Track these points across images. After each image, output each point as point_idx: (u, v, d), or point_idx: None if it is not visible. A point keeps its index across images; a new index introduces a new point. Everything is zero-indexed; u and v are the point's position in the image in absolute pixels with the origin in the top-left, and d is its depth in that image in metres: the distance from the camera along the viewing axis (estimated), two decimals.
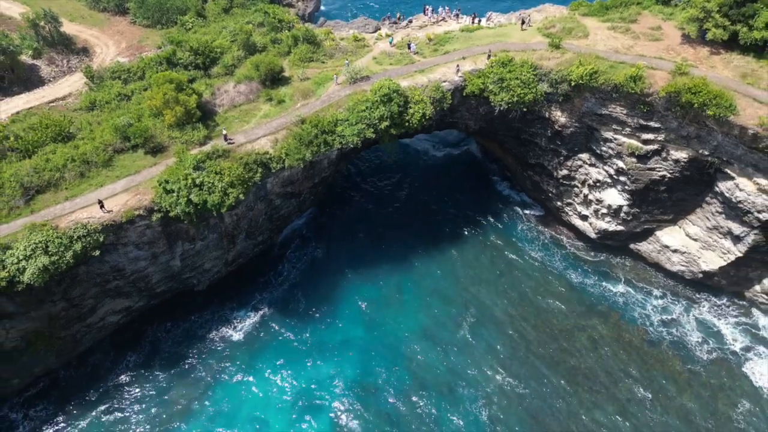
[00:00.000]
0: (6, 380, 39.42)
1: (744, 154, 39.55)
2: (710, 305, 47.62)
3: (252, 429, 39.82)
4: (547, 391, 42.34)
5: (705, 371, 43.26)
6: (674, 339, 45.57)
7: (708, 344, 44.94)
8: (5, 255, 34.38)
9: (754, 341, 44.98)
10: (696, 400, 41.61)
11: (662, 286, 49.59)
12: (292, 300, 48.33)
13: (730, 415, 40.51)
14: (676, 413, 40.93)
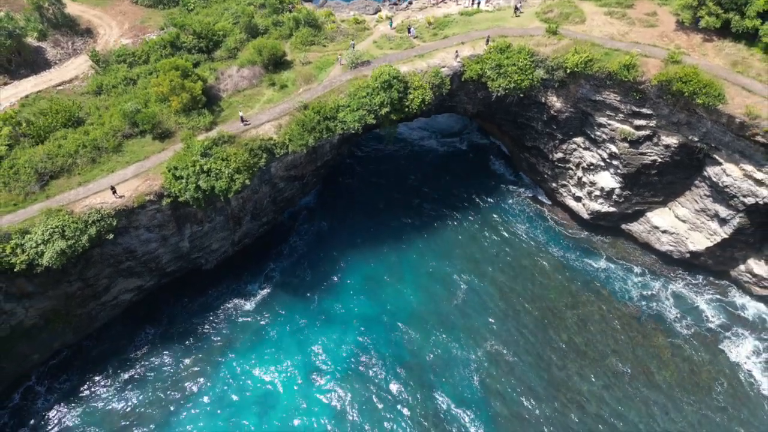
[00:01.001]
0: (27, 356, 41.67)
1: (731, 140, 41.02)
2: (694, 284, 49.73)
3: (263, 392, 42.51)
4: (537, 362, 44.72)
5: (686, 347, 45.59)
6: (659, 315, 47.79)
7: (689, 321, 47.18)
8: (24, 239, 36.23)
9: (732, 319, 47.26)
10: (677, 375, 44.03)
11: (651, 265, 51.60)
12: (300, 270, 50.74)
13: (709, 391, 42.95)
14: (658, 387, 43.38)
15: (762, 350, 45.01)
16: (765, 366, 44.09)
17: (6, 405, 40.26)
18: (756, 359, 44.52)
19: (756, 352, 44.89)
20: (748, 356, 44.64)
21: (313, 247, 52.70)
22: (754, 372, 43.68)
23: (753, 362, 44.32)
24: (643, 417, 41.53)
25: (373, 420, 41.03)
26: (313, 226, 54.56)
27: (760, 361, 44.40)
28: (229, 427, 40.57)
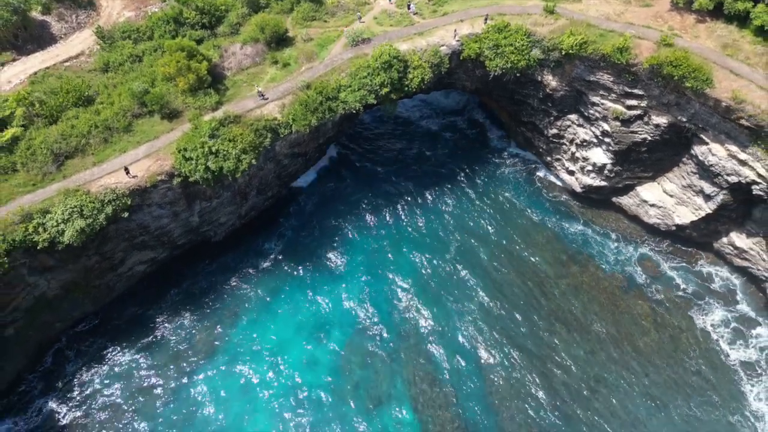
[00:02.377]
0: (50, 324, 44.66)
1: (718, 122, 42.69)
2: (678, 257, 52.26)
3: (276, 343, 46.36)
4: (527, 327, 47.77)
5: (666, 315, 48.49)
6: (643, 285, 50.52)
7: (670, 291, 49.93)
8: (45, 218, 38.51)
9: (708, 292, 49.91)
10: (657, 341, 47.13)
11: (638, 237, 54.03)
12: (309, 227, 53.96)
13: (684, 357, 46.10)
14: (639, 352, 46.54)
15: (730, 320, 47.98)
16: (731, 336, 47.21)
17: (38, 368, 43.47)
18: (724, 329, 47.50)
19: (725, 323, 47.83)
20: (716, 325, 47.62)
21: (321, 205, 55.80)
22: (721, 342, 46.76)
23: (721, 332, 47.36)
24: (624, 379, 44.85)
25: (372, 370, 44.82)
26: (320, 187, 57.76)
27: (728, 331, 47.45)
28: (245, 379, 44.16)
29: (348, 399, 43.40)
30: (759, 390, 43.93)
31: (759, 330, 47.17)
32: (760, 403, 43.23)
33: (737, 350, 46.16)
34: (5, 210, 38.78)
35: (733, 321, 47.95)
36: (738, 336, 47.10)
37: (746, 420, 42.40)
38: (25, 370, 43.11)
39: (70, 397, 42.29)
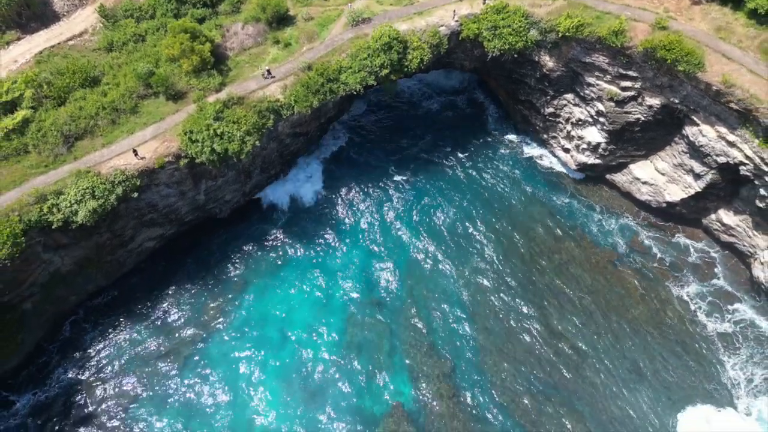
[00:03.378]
0: (65, 298, 46.78)
1: (709, 104, 43.88)
2: (667, 233, 54.17)
3: (286, 308, 49.02)
4: (522, 296, 50.15)
5: (655, 288, 50.69)
6: (633, 260, 52.59)
7: (659, 266, 52.01)
8: (59, 199, 40.10)
9: (694, 267, 52.00)
10: (645, 313, 49.42)
11: (630, 213, 55.79)
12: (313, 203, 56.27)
13: (670, 327, 48.48)
14: (628, 323, 48.89)
15: (714, 294, 50.22)
16: (712, 308, 49.63)
17: (56, 340, 45.85)
18: (706, 302, 49.82)
19: (708, 295, 50.10)
20: (698, 298, 49.95)
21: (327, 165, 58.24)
22: (701, 314, 49.13)
23: (702, 305, 49.71)
24: (612, 348, 47.35)
25: (373, 337, 47.54)
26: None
27: (711, 304, 49.80)
28: (257, 342, 46.94)
29: (350, 365, 45.94)
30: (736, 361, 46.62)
31: (738, 305, 49.39)
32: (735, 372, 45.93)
33: (718, 322, 48.46)
34: (20, 191, 40.33)
35: (718, 295, 50.17)
36: (715, 309, 49.35)
37: (723, 387, 45.05)
38: (42, 342, 45.40)
39: (87, 367, 44.83)
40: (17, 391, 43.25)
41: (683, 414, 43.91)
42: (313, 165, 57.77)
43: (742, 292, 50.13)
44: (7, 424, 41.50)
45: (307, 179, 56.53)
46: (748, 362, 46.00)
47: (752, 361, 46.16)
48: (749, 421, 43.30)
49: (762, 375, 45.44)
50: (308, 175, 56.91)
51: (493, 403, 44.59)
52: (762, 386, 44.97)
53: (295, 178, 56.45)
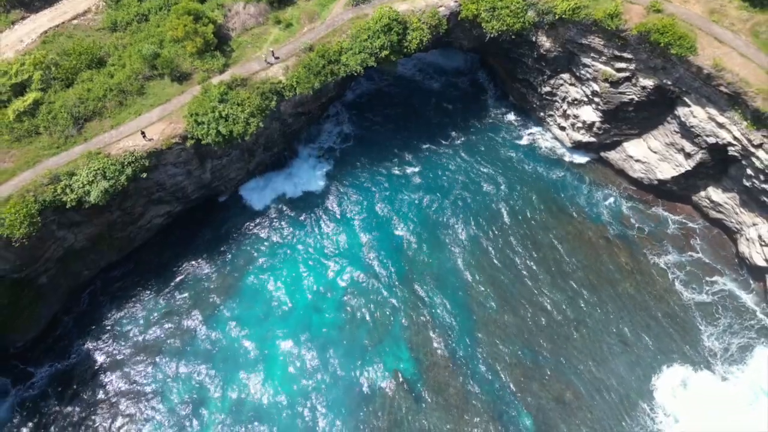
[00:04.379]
0: (79, 272, 48.92)
1: (700, 86, 45.07)
2: (658, 209, 55.93)
3: (293, 278, 51.33)
4: (517, 271, 52.17)
5: (644, 263, 52.72)
6: (624, 235, 54.39)
7: (649, 241, 53.83)
8: (72, 180, 41.70)
9: (682, 242, 53.81)
10: (634, 286, 51.52)
11: (624, 190, 57.41)
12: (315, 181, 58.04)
13: (659, 301, 50.65)
14: (618, 297, 51.01)
15: (700, 267, 52.39)
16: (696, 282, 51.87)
17: (73, 313, 48.20)
18: (692, 276, 52.02)
19: (695, 270, 52.27)
20: (684, 271, 52.04)
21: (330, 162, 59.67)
22: (687, 288, 51.44)
23: (687, 279, 51.88)
24: (602, 321, 49.54)
25: (374, 310, 50.07)
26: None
27: (696, 278, 52.02)
28: (263, 313, 49.49)
29: (351, 337, 48.45)
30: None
31: (720, 279, 51.63)
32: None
33: (702, 294, 50.81)
34: (34, 172, 41.96)
35: (704, 268, 52.25)
36: (701, 282, 51.53)
37: (701, 355, 47.81)
38: (59, 315, 47.74)
39: (103, 337, 47.29)
40: (35, 363, 45.71)
41: (661, 378, 46.56)
42: (315, 152, 59.15)
43: (726, 267, 52.22)
44: (26, 395, 44.09)
45: (311, 166, 57.95)
46: (726, 332, 48.58)
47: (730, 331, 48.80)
48: (725, 385, 45.98)
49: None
50: (312, 163, 58.32)
51: (486, 371, 47.20)
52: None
53: (299, 165, 57.96)
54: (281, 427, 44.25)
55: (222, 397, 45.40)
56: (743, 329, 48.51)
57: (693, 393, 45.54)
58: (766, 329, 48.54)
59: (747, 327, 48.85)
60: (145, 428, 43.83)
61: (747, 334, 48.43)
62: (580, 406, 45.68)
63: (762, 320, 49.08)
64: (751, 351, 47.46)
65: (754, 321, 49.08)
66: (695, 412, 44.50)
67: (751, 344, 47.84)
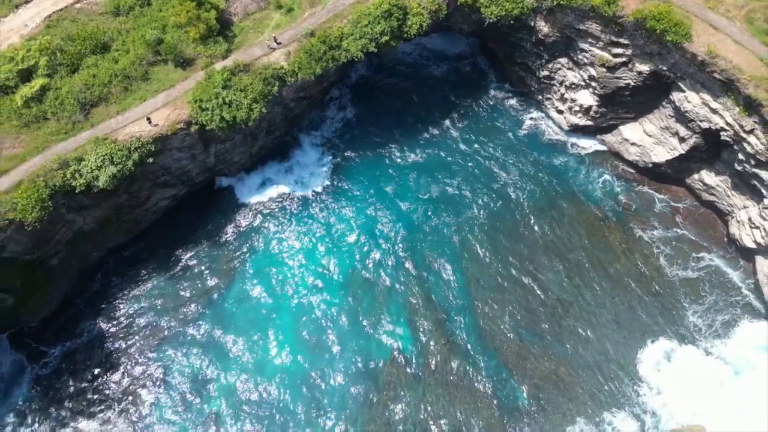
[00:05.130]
0: (89, 254, 50.39)
1: (695, 72, 45.91)
2: (653, 191, 57.16)
3: (299, 252, 53.31)
4: (514, 251, 53.78)
5: (637, 244, 54.19)
6: (618, 215, 55.74)
7: (643, 223, 55.21)
8: (80, 165, 42.83)
9: (673, 223, 55.35)
10: (626, 266, 53.13)
11: (619, 172, 58.53)
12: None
13: (650, 280, 52.36)
14: (611, 276, 52.70)
15: (691, 249, 54.00)
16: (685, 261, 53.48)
17: (85, 291, 49.87)
18: (683, 256, 53.64)
19: (686, 250, 53.88)
20: (676, 252, 53.64)
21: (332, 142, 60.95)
22: (678, 266, 53.13)
23: (677, 257, 53.48)
24: (595, 299, 51.30)
25: (374, 289, 51.84)
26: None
27: (686, 257, 53.65)
28: (269, 291, 51.21)
29: (353, 317, 50.21)
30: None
31: (708, 255, 53.38)
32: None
33: (689, 271, 52.60)
34: (43, 158, 43.08)
35: (693, 247, 53.89)
36: (685, 259, 53.29)
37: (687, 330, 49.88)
38: (71, 296, 49.38)
39: (114, 317, 49.08)
40: (49, 342, 47.53)
41: (647, 352, 48.69)
42: (317, 141, 60.02)
43: (716, 246, 53.69)
44: (40, 373, 46.02)
45: (315, 159, 58.85)
46: (710, 309, 50.50)
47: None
48: (709, 359, 47.99)
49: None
50: (315, 156, 59.17)
51: (483, 348, 49.11)
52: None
53: (302, 156, 58.95)
54: (285, 402, 46.36)
55: (227, 373, 47.39)
56: (728, 306, 50.40)
57: (677, 367, 47.68)
58: (750, 305, 50.49)
59: (732, 303, 50.78)
60: (154, 403, 45.91)
61: (732, 310, 50.38)
62: (572, 381, 47.73)
63: (747, 296, 50.99)
64: (736, 326, 49.47)
65: (739, 297, 51.05)
66: (679, 385, 46.64)
67: (736, 320, 49.84)
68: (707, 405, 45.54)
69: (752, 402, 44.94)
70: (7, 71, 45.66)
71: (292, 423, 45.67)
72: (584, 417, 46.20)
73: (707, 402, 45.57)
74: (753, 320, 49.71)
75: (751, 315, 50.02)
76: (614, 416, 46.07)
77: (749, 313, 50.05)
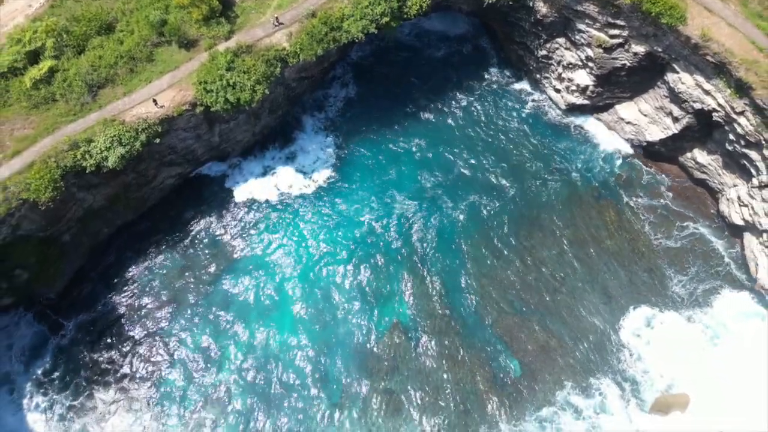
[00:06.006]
0: (99, 230, 52.12)
1: (689, 55, 46.86)
2: (647, 169, 58.59)
3: (300, 237, 54.91)
4: (510, 228, 55.61)
5: (630, 221, 55.93)
6: (612, 193, 57.28)
7: (637, 199, 56.86)
8: (90, 147, 44.14)
9: (664, 201, 56.99)
10: (619, 243, 55.02)
11: (614, 150, 59.82)
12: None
13: (641, 257, 54.32)
14: (604, 252, 54.52)
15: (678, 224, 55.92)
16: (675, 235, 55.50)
17: (99, 266, 51.89)
18: (670, 229, 55.75)
19: (671, 222, 55.85)
20: (665, 226, 55.58)
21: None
22: (667, 242, 55.22)
23: (666, 231, 55.62)
24: (588, 275, 53.25)
25: (375, 269, 53.66)
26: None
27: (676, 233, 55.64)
28: (275, 265, 53.22)
29: (356, 290, 52.32)
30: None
31: (693, 225, 55.35)
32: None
33: (675, 240, 54.66)
34: (53, 139, 44.30)
35: (681, 218, 55.89)
36: (669, 228, 55.41)
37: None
38: (85, 269, 51.35)
39: (127, 290, 50.97)
40: (66, 314, 49.66)
41: (629, 319, 51.34)
42: (320, 123, 60.97)
43: (706, 220, 55.45)
44: (59, 343, 48.38)
45: (319, 142, 59.96)
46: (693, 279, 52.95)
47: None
48: (690, 326, 50.50)
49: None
50: (319, 140, 60.20)
51: (479, 321, 51.33)
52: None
53: (305, 138, 60.05)
54: (289, 368, 48.79)
55: (236, 341, 49.75)
56: (711, 276, 52.93)
57: (659, 333, 50.21)
58: (732, 275, 52.91)
59: (715, 274, 53.19)
60: (165, 372, 48.31)
61: (714, 280, 52.79)
62: (562, 353, 50.10)
63: (729, 265, 53.44)
64: (717, 295, 51.91)
65: (721, 268, 53.41)
66: (660, 351, 49.20)
67: (717, 289, 52.26)
68: (689, 371, 47.98)
69: (733, 368, 47.41)
70: (15, 53, 46.51)
71: (295, 393, 48.18)
72: (572, 382, 48.82)
73: (688, 368, 47.98)
74: (734, 290, 52.07)
75: (733, 285, 52.34)
76: (601, 382, 48.61)
77: (730, 283, 52.35)
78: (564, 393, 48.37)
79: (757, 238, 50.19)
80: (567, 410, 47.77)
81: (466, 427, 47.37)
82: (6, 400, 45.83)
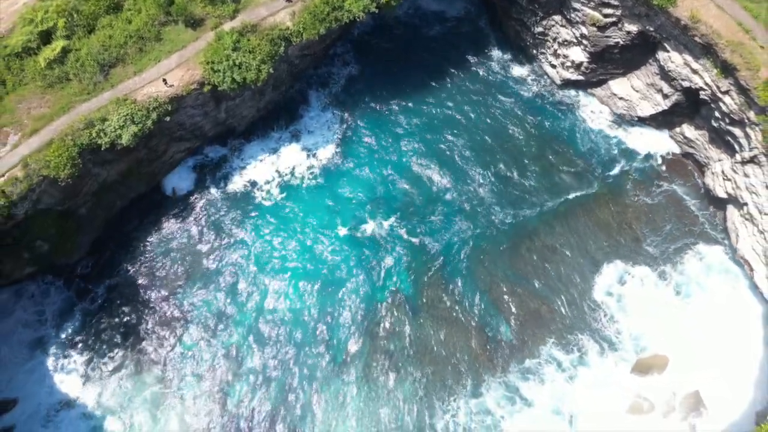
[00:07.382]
0: (113, 203, 54.76)
1: (678, 35, 48.54)
2: (638, 143, 60.90)
3: (305, 210, 57.49)
4: (504, 201, 58.03)
5: (619, 192, 58.33)
6: (605, 165, 59.48)
7: (631, 172, 59.23)
8: (104, 125, 46.28)
9: (656, 171, 59.52)
10: (608, 214, 57.73)
11: (607, 124, 61.91)
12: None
13: (630, 226, 57.05)
14: (595, 224, 57.28)
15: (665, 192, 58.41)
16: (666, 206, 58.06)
17: (115, 236, 54.68)
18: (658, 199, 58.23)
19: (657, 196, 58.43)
20: (653, 200, 58.19)
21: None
22: (658, 217, 57.76)
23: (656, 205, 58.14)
24: (581, 244, 55.88)
25: (376, 244, 56.27)
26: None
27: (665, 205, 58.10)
28: (283, 239, 56.06)
29: (358, 262, 55.32)
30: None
31: (682, 198, 58.09)
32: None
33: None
34: (69, 117, 46.35)
35: (672, 196, 58.44)
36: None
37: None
38: (103, 240, 54.24)
39: (144, 259, 53.97)
40: (91, 281, 52.84)
41: (601, 276, 54.57)
42: (325, 98, 62.63)
43: (693, 195, 58.10)
44: (90, 308, 51.79)
45: (324, 121, 61.68)
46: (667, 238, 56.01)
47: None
48: (662, 286, 53.71)
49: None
50: (325, 118, 61.87)
51: (474, 290, 54.31)
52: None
53: (311, 116, 61.88)
54: (296, 336, 52.15)
55: (248, 306, 52.76)
56: (685, 234, 56.09)
57: (631, 290, 53.47)
58: (706, 233, 56.04)
59: (688, 232, 56.34)
60: (181, 335, 51.58)
61: (687, 239, 55.96)
62: (552, 318, 53.36)
63: (704, 224, 56.58)
64: (689, 251, 55.18)
65: (696, 227, 56.54)
66: (633, 308, 52.44)
67: (690, 246, 55.55)
68: (662, 328, 51.25)
69: (705, 325, 50.82)
70: (28, 33, 48.09)
71: (302, 354, 51.63)
72: (554, 338, 52.27)
73: (661, 324, 51.26)
74: (707, 245, 55.31)
75: (706, 242, 55.52)
76: (580, 339, 52.12)
77: (705, 241, 55.52)
78: (546, 348, 51.86)
79: (738, 211, 52.81)
80: (551, 363, 51.42)
81: (458, 378, 50.79)
82: (43, 362, 49.34)
